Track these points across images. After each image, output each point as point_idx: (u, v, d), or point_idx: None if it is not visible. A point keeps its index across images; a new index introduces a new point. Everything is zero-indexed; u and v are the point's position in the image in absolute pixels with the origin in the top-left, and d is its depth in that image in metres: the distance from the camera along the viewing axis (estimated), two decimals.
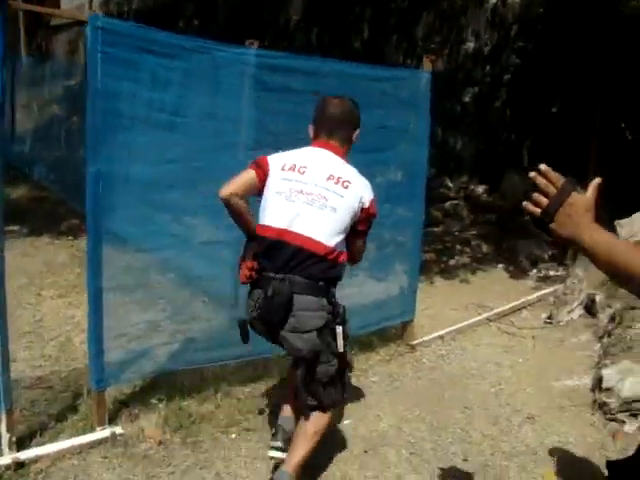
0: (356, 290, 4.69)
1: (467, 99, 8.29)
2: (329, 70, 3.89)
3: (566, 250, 6.59)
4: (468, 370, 4.23)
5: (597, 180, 1.38)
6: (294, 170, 2.63)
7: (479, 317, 5.10)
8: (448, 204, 8.23)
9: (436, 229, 7.65)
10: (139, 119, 3.71)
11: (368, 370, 4.14)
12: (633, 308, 4.18)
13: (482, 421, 3.57)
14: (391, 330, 4.67)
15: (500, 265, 6.71)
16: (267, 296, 2.53)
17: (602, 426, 3.51)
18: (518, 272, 6.49)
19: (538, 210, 1.35)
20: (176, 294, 4.96)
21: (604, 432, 3.46)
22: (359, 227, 2.70)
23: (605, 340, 4.28)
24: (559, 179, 1.35)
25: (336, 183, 2.61)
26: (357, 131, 2.81)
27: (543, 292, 5.65)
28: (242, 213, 2.69)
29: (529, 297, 5.57)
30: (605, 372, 3.66)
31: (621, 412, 3.45)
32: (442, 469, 3.11)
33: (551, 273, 6.59)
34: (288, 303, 2.52)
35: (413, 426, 3.50)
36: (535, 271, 6.61)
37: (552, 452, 3.27)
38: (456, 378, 4.09)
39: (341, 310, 2.68)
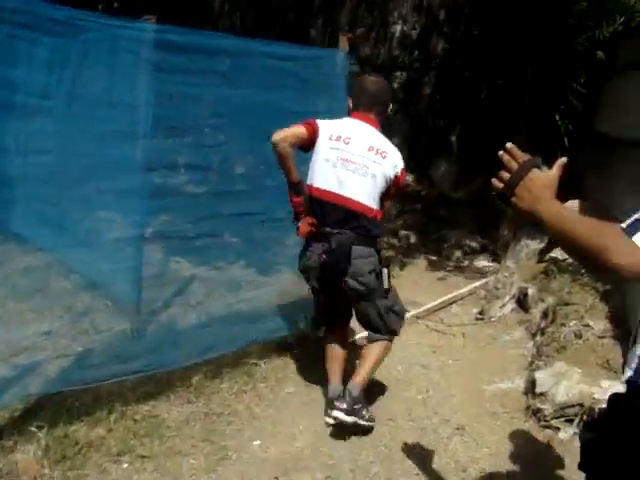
0: (266, 291, 4.32)
1: (395, 85, 7.97)
2: (238, 48, 3.46)
3: (497, 240, 6.38)
4: (394, 375, 3.89)
5: (562, 159, 1.45)
6: (340, 140, 3.07)
7: (407, 315, 4.77)
8: None
9: None
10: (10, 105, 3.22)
11: (284, 380, 3.74)
12: (567, 304, 3.93)
13: (408, 435, 3.23)
14: (314, 333, 4.29)
15: (430, 257, 6.41)
16: (332, 248, 3.03)
17: (537, 434, 3.23)
18: (448, 264, 6.21)
19: (501, 185, 1.43)
20: (75, 299, 4.51)
21: (539, 441, 3.17)
22: (390, 190, 3.15)
23: (538, 338, 4.02)
24: (522, 156, 1.43)
25: (376, 154, 3.07)
26: (390, 106, 3.26)
27: (474, 285, 5.39)
28: (287, 158, 3.05)
29: (459, 291, 5.29)
30: (538, 375, 3.38)
31: (555, 418, 3.17)
32: None
33: (483, 264, 6.36)
34: (348, 253, 3.03)
35: (332, 444, 3.13)
36: (466, 262, 6.37)
37: (483, 468, 2.97)
38: (380, 385, 3.74)
39: (382, 257, 3.21)
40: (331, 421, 3.12)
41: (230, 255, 4.20)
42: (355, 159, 3.05)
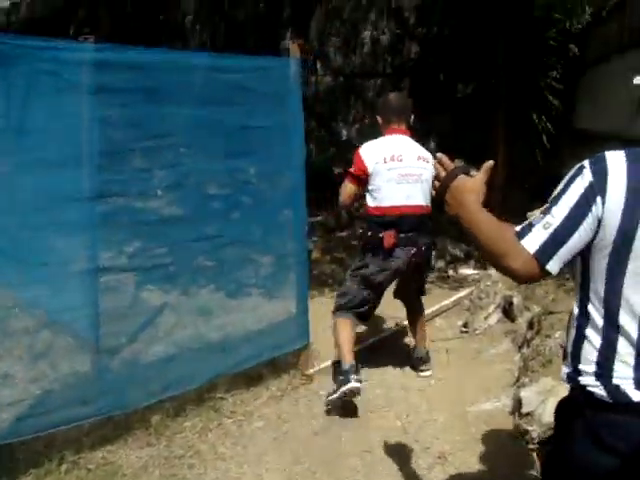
0: (239, 317, 4.06)
1: (370, 93, 7.76)
2: (178, 63, 3.21)
3: None
4: (372, 399, 3.62)
5: (489, 163, 1.50)
6: (394, 160, 3.50)
7: (388, 332, 4.53)
8: None
9: (342, 234, 7.09)
10: None
11: (254, 412, 3.48)
12: (551, 313, 3.68)
13: (385, 468, 2.95)
14: (286, 358, 4.03)
15: None
16: (420, 249, 3.58)
17: (525, 458, 2.96)
18: (431, 274, 5.94)
19: (434, 192, 1.54)
20: (37, 338, 4.26)
21: (527, 467, 2.91)
22: None
23: (525, 351, 3.77)
24: (450, 165, 1.50)
25: (423, 161, 3.57)
26: (412, 116, 3.73)
27: (458, 296, 5.14)
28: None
29: (443, 303, 5.04)
30: (524, 394, 3.11)
31: (543, 441, 2.90)
32: None
33: (468, 272, 6.12)
34: (429, 250, 3.71)
35: None
36: (450, 272, 6.13)
37: None
38: (355, 413, 3.48)
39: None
40: (427, 373, 3.91)
41: (199, 280, 3.95)
42: (411, 171, 3.52)
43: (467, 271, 6.08)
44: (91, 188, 3.24)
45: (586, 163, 1.37)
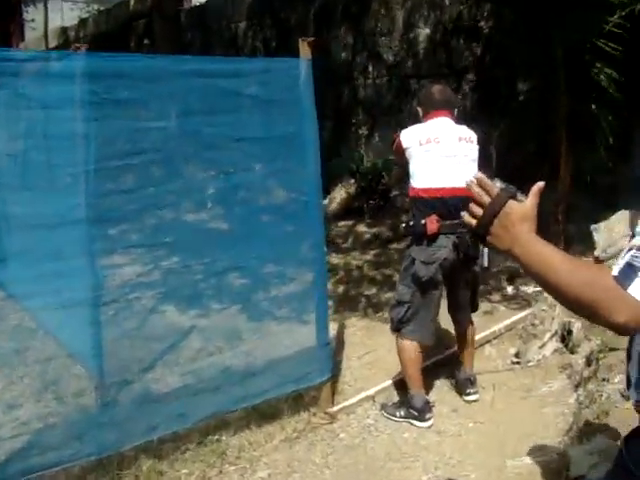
0: (253, 345, 3.71)
1: None
2: (170, 70, 2.87)
3: None
4: (399, 446, 3.16)
5: (538, 185, 1.24)
6: (430, 142, 3.30)
7: (427, 362, 4.03)
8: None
9: (398, 246, 6.58)
10: None
11: (261, 458, 3.09)
12: (612, 349, 3.10)
13: None
14: (309, 392, 3.62)
15: None
16: (464, 236, 3.18)
17: None
18: (488, 292, 5.38)
19: (474, 222, 1.25)
20: (49, 365, 4.10)
21: None
22: None
23: (581, 392, 3.20)
24: (493, 187, 1.23)
25: (467, 141, 3.37)
26: (456, 110, 3.53)
27: (512, 320, 4.56)
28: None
29: (495, 328, 4.48)
30: (573, 453, 2.58)
31: None
32: None
33: (531, 290, 5.50)
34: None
35: None
36: (510, 289, 5.53)
37: None
38: (379, 461, 3.03)
39: None
40: (474, 397, 3.58)
41: (202, 306, 3.64)
42: (453, 152, 3.30)
43: (531, 289, 5.46)
44: (87, 208, 2.96)
45: None
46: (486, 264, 3.41)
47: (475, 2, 6.42)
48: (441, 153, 3.30)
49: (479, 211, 1.23)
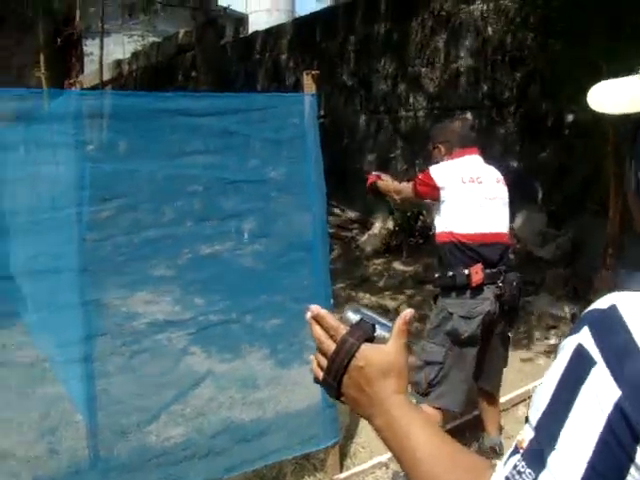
0: (255, 405, 3.45)
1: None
2: (159, 108, 2.68)
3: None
4: None
5: (405, 314, 0.85)
6: (474, 182, 2.99)
7: (449, 425, 3.65)
8: None
9: (408, 291, 6.23)
10: None
11: None
12: None
13: None
14: (317, 455, 3.31)
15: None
16: (512, 285, 3.01)
17: None
18: (525, 341, 4.97)
19: (320, 374, 0.86)
20: (51, 409, 3.94)
21: None
22: None
23: None
24: (338, 328, 0.84)
25: (502, 184, 3.13)
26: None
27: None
28: None
29: (532, 385, 4.07)
30: None
31: None
32: None
33: None
34: (520, 288, 3.09)
35: None
36: (554, 339, 5.10)
37: None
38: None
39: None
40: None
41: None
42: (495, 194, 3.06)
43: None
44: (79, 259, 2.80)
45: (586, 341, 0.67)
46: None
47: (519, 32, 6.08)
48: (484, 195, 2.99)
49: (323, 362, 0.86)
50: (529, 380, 4.21)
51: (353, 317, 0.85)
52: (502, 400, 3.77)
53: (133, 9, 11.91)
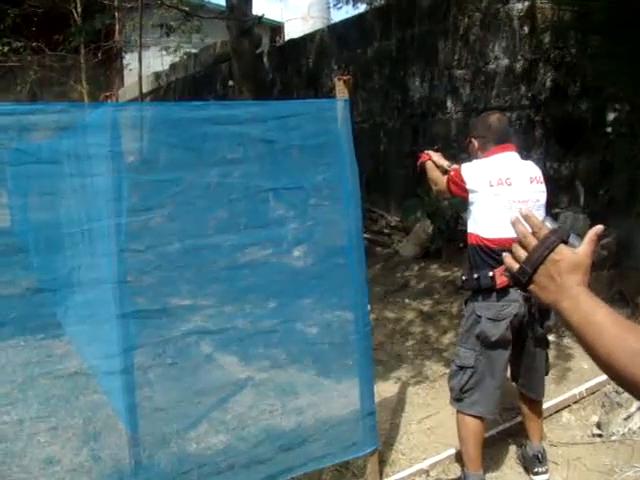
0: (308, 403, 3.45)
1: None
2: (194, 117, 2.70)
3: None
4: None
5: (597, 228, 1.09)
6: (502, 184, 2.89)
7: (492, 431, 3.58)
8: None
9: (447, 298, 6.13)
10: None
11: None
12: None
13: None
14: (356, 462, 3.29)
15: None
16: None
17: None
18: (569, 346, 4.83)
19: (516, 266, 1.10)
20: (94, 418, 4.01)
21: None
22: None
23: None
24: (542, 227, 1.07)
25: (537, 183, 2.98)
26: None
27: (597, 381, 4.02)
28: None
29: (576, 390, 3.97)
30: None
31: None
32: None
33: None
34: None
35: None
36: None
37: None
38: None
39: None
40: (545, 477, 3.17)
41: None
42: (526, 196, 2.93)
43: None
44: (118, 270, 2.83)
45: None
46: (551, 322, 3.03)
47: (557, 30, 5.97)
48: (512, 197, 2.89)
49: (523, 254, 1.08)
50: (572, 385, 4.10)
51: (551, 224, 1.08)
52: (545, 406, 3.68)
53: (170, 28, 12.08)
